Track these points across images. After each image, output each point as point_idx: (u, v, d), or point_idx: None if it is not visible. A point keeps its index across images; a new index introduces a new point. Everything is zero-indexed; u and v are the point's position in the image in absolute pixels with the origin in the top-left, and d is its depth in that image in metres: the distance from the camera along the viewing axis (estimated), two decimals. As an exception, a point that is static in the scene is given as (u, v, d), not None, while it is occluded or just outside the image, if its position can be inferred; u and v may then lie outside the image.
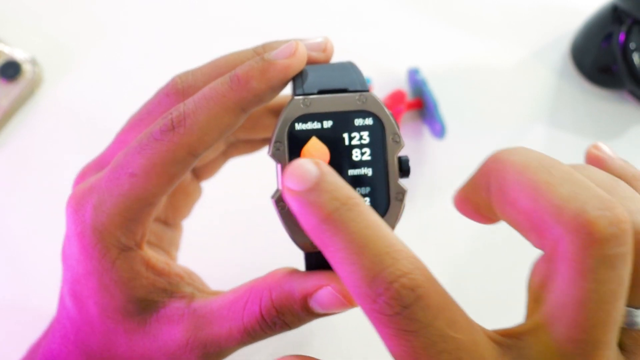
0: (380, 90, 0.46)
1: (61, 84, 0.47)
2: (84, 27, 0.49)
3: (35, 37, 0.48)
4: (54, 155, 0.44)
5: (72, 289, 0.26)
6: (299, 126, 0.23)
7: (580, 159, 0.46)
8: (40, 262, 0.40)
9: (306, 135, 0.23)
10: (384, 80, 0.47)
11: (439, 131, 0.43)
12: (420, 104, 0.45)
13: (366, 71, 0.46)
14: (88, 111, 0.45)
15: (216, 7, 0.50)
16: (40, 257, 0.40)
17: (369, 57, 0.48)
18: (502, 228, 0.45)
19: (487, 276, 0.43)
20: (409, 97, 0.47)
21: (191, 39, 0.49)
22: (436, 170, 0.45)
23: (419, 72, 0.46)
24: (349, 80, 0.24)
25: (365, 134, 0.23)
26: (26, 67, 0.45)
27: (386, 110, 0.23)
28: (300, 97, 0.23)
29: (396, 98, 0.45)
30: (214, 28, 0.49)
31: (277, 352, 0.39)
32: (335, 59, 0.27)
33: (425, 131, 0.46)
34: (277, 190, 0.23)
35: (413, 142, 0.46)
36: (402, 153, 0.24)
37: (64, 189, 0.26)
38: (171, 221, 0.31)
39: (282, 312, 0.24)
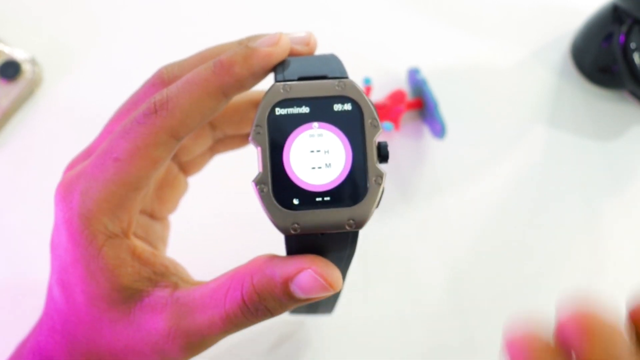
0: (380, 90, 0.46)
1: (61, 83, 0.47)
2: (84, 27, 0.49)
3: (35, 37, 0.48)
4: (53, 155, 0.44)
5: (60, 278, 0.26)
6: (279, 111, 0.23)
7: (580, 159, 0.46)
8: (40, 261, 0.40)
9: (286, 120, 0.23)
10: (384, 80, 0.47)
11: (439, 131, 0.43)
12: (421, 104, 0.45)
13: (366, 71, 0.46)
14: (88, 111, 0.45)
15: (216, 7, 0.50)
16: (40, 257, 0.40)
17: (369, 57, 0.48)
18: (503, 228, 0.45)
19: (488, 276, 0.43)
20: (409, 97, 0.47)
21: (190, 38, 0.48)
22: (436, 170, 0.45)
23: (419, 72, 0.45)
24: (328, 68, 0.25)
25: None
26: (26, 67, 0.45)
27: (364, 96, 0.24)
28: (281, 82, 0.24)
29: (396, 98, 0.45)
30: (213, 28, 0.49)
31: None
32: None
33: (426, 131, 0.46)
34: (259, 173, 0.23)
35: (413, 142, 0.46)
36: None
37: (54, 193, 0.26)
38: (158, 215, 0.32)
39: (264, 297, 0.24)
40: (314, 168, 0.23)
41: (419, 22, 0.50)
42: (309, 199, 0.23)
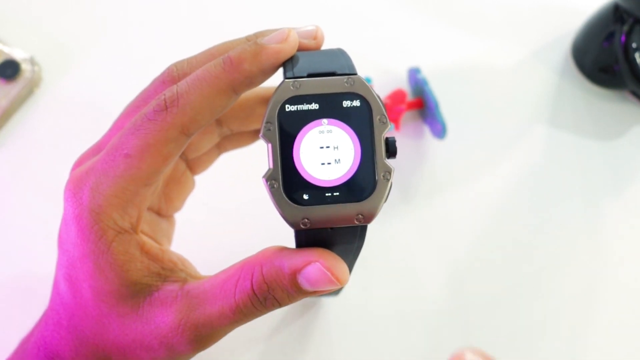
0: (381, 89, 0.46)
1: (60, 83, 0.46)
2: (83, 26, 0.49)
3: (34, 36, 0.47)
4: (53, 155, 0.44)
5: (67, 273, 0.26)
6: (289, 107, 0.24)
7: (580, 159, 0.46)
8: (41, 258, 0.40)
9: (296, 117, 0.24)
10: (384, 79, 0.47)
11: (440, 131, 0.43)
12: (421, 104, 0.45)
13: (367, 70, 0.46)
14: (87, 110, 0.45)
15: (215, 6, 0.50)
16: (41, 254, 0.40)
17: (369, 57, 0.48)
18: (502, 228, 0.45)
19: (488, 276, 0.43)
20: (410, 97, 0.47)
21: (190, 38, 0.48)
22: (436, 170, 0.45)
23: (419, 72, 0.45)
24: (337, 65, 0.25)
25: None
26: (25, 67, 0.45)
27: (373, 92, 0.24)
28: (291, 79, 0.24)
29: (397, 97, 0.45)
30: (212, 28, 0.49)
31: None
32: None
33: (426, 131, 0.46)
34: (269, 169, 0.23)
35: (414, 142, 0.46)
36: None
37: (63, 189, 0.26)
38: (164, 212, 0.32)
39: (272, 287, 0.24)
40: (323, 164, 0.24)
41: (419, 22, 0.50)
42: (318, 194, 0.23)
